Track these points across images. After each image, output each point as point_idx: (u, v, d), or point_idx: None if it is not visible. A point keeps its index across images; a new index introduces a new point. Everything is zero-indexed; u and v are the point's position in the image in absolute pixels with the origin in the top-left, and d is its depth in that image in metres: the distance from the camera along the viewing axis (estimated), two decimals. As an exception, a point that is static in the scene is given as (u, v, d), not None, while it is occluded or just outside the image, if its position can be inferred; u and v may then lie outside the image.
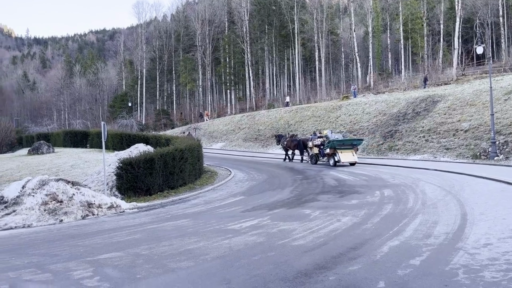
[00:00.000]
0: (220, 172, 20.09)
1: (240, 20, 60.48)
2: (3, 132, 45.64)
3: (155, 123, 64.68)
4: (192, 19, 67.27)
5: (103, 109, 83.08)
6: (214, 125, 48.36)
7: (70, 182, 11.97)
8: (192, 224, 8.85)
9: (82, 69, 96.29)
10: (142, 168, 13.59)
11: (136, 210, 11.65)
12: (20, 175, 18.59)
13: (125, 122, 52.38)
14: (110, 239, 7.71)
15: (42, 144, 30.05)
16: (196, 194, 14.11)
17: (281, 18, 58.85)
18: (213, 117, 56.90)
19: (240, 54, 61.82)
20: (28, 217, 10.24)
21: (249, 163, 25.24)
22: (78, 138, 36.30)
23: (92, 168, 18.99)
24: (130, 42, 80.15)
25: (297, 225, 8.00)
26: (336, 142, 20.93)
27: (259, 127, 39.05)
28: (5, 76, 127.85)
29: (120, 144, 26.58)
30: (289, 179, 16.20)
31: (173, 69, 71.94)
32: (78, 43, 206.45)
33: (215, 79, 70.12)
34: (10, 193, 11.39)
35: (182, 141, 18.36)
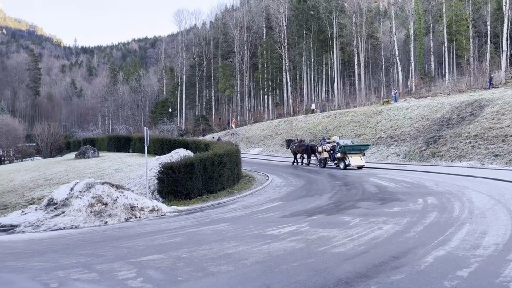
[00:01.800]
0: (257, 177, 20.15)
1: (278, 26, 60.68)
2: (53, 137, 48.15)
3: (194, 128, 65.95)
4: (230, 26, 68.23)
5: (145, 115, 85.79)
6: (251, 131, 48.63)
7: (114, 185, 12.42)
8: (231, 228, 8.92)
9: (125, 76, 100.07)
10: (182, 172, 13.89)
11: (176, 213, 11.90)
12: (68, 178, 19.50)
13: (165, 128, 53.79)
14: (152, 242, 7.91)
15: (88, 149, 31.36)
16: (234, 199, 14.22)
17: (319, 22, 58.48)
18: (251, 123, 57.25)
19: (278, 60, 61.95)
20: (76, 218, 10.71)
21: (287, 168, 25.15)
22: (121, 143, 37.65)
23: (135, 172, 19.59)
24: (170, 49, 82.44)
25: (337, 232, 7.88)
26: (347, 147, 22.75)
27: (297, 132, 38.86)
28: (54, 84, 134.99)
29: (161, 149, 27.29)
30: (328, 185, 16.00)
31: (212, 75, 73.17)
32: (121, 52, 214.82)
33: (253, 84, 70.65)
34: (60, 195, 11.97)
35: (220, 147, 18.60)
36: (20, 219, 11.47)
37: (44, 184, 20.17)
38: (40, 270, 6.07)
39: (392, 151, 26.86)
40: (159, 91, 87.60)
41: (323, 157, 24.86)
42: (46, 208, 11.72)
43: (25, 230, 10.44)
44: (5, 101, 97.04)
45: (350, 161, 22.27)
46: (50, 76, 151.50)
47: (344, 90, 55.02)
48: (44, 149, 47.92)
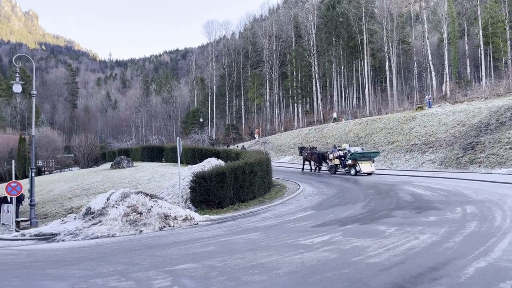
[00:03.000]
0: (288, 185, 20.06)
1: (307, 34, 60.65)
2: (89, 148, 49.82)
3: (224, 137, 66.57)
4: (259, 35, 68.77)
5: (177, 125, 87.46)
6: (281, 139, 48.57)
7: (148, 194, 12.69)
8: (264, 237, 8.91)
9: (158, 88, 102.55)
10: (214, 181, 14.04)
11: (209, 222, 12.01)
12: (104, 188, 20.09)
13: (197, 137, 54.54)
14: (186, 251, 8.02)
15: (122, 159, 32.21)
16: (265, 207, 14.20)
17: (348, 29, 57.99)
18: (280, 131, 57.20)
19: (307, 68, 61.80)
20: (112, 227, 11.01)
21: (318, 176, 24.91)
22: (154, 153, 38.49)
23: (168, 182, 19.95)
24: (201, 60, 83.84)
25: (371, 241, 7.71)
26: (358, 154, 23.83)
27: (327, 140, 38.49)
28: (90, 97, 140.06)
29: (193, 158, 27.71)
30: (361, 194, 15.71)
31: (241, 85, 73.82)
32: (153, 64, 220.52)
33: (282, 93, 70.72)
34: (97, 204, 12.35)
35: (251, 155, 18.67)
36: (60, 228, 11.90)
37: (82, 193, 20.86)
38: (79, 278, 6.27)
39: (427, 158, 26.11)
40: (190, 102, 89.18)
41: (334, 164, 26.07)
42: (84, 217, 12.12)
43: (64, 239, 10.83)
44: (45, 114, 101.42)
45: (361, 168, 23.28)
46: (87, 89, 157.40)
47: (375, 96, 54.11)
48: (81, 159, 49.64)
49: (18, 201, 16.85)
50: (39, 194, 21.54)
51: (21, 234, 12.56)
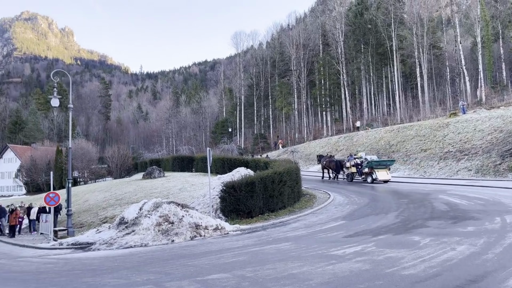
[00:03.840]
0: (318, 195, 19.86)
1: (334, 42, 60.32)
2: (122, 159, 51.02)
3: (253, 146, 66.78)
4: (286, 44, 68.95)
5: (206, 135, 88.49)
6: (310, 148, 48.23)
7: (179, 204, 12.88)
8: (294, 248, 8.85)
9: (187, 99, 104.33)
10: (243, 191, 14.09)
11: (239, 232, 12.04)
12: (137, 198, 20.52)
13: (226, 147, 54.95)
14: (217, 260, 8.07)
15: (154, 169, 32.79)
16: (295, 217, 14.11)
17: (377, 36, 57.27)
18: (309, 140, 56.85)
19: (336, 75, 61.34)
20: (145, 236, 11.23)
21: (348, 185, 24.55)
22: (184, 163, 39.04)
23: (198, 191, 20.18)
24: (229, 71, 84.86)
25: (406, 252, 7.51)
26: (374, 162, 24.46)
27: (358, 148, 37.90)
28: (123, 109, 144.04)
29: (222, 168, 27.92)
30: (393, 203, 15.36)
31: (269, 94, 74.07)
32: (183, 75, 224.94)
33: (310, 101, 70.42)
34: (130, 214, 12.64)
35: (280, 165, 18.64)
36: (96, 237, 12.25)
37: (115, 203, 21.40)
38: (114, 286, 6.43)
39: (462, 165, 25.25)
40: (219, 112, 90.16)
41: (351, 172, 26.74)
42: (118, 227, 12.42)
43: (100, 248, 11.13)
44: (80, 126, 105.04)
45: (377, 176, 23.88)
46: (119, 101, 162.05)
47: (406, 103, 53.00)
48: (114, 170, 50.89)
49: (56, 211, 17.47)
50: (75, 204, 22.23)
51: (59, 243, 13.00)
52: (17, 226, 19.88)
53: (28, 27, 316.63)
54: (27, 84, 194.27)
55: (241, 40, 78.55)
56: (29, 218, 20.69)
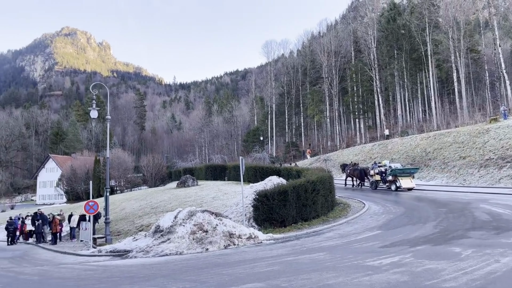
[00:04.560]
0: (353, 204, 19.52)
1: (367, 48, 59.55)
2: (156, 168, 52.16)
3: (284, 155, 66.60)
4: (318, 52, 68.73)
5: (238, 144, 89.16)
6: (343, 155, 47.56)
7: (213, 213, 13.01)
8: (329, 258, 8.72)
9: (219, 108, 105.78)
10: (276, 200, 14.06)
11: (272, 241, 12.00)
12: (171, 206, 20.90)
13: (258, 156, 55.09)
14: (251, 270, 8.07)
15: (188, 178, 33.31)
16: (329, 227, 13.92)
17: (411, 41, 56.07)
18: (342, 147, 56.09)
19: (368, 82, 60.45)
20: (180, 245, 11.40)
21: (383, 194, 23.98)
22: (217, 171, 39.43)
23: (231, 200, 20.30)
24: (260, 80, 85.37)
25: (446, 264, 7.24)
26: (398, 170, 24.76)
27: (393, 156, 37.05)
28: (157, 119, 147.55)
29: (254, 176, 28.00)
30: (431, 212, 14.87)
31: (300, 102, 73.88)
32: (215, 85, 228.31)
33: (342, 108, 69.66)
34: (165, 222, 12.88)
35: (313, 173, 18.48)
36: (132, 245, 12.55)
37: (151, 212, 21.86)
38: (151, 294, 6.55)
39: (505, 173, 24.13)
40: (250, 121, 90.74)
41: (375, 180, 27.19)
42: (154, 235, 12.68)
43: (136, 255, 11.38)
44: (117, 137, 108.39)
45: (401, 183, 24.10)
46: (153, 111, 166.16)
47: (443, 109, 51.38)
48: (149, 179, 52.07)
49: (95, 219, 18.04)
50: (112, 212, 22.87)
51: (98, 251, 13.41)
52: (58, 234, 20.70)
53: (68, 42, 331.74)
54: (67, 97, 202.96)
55: (272, 49, 79.27)
56: (70, 226, 21.49)
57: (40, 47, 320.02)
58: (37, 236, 22.25)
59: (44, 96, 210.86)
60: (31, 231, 24.32)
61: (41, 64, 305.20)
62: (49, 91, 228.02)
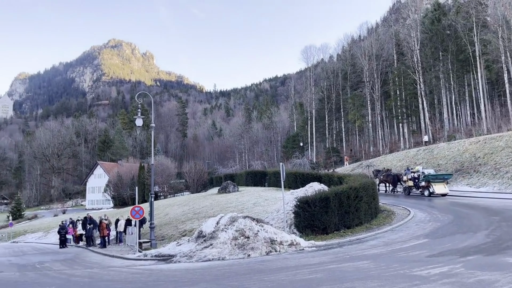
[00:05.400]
0: (397, 211, 18.93)
1: (410, 51, 57.83)
2: (198, 174, 53.21)
3: (325, 161, 65.77)
4: (358, 56, 67.59)
5: (277, 150, 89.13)
6: (386, 161, 46.28)
7: (254, 219, 13.07)
8: (373, 266, 8.52)
9: (259, 115, 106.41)
10: (318, 206, 13.92)
11: (314, 248, 11.88)
12: (213, 212, 21.19)
13: (298, 162, 54.78)
14: (294, 277, 8.02)
15: (229, 184, 33.66)
16: (373, 234, 13.59)
17: (457, 42, 53.87)
18: (385, 153, 54.65)
19: (412, 85, 58.60)
20: (222, 250, 11.53)
21: (429, 201, 23.11)
22: (257, 177, 39.58)
23: (271, 206, 20.29)
24: (299, 85, 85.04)
25: (499, 275, 6.86)
26: (431, 176, 24.92)
27: (439, 162, 35.64)
28: (198, 126, 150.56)
29: (294, 182, 27.85)
30: (482, 221, 14.15)
31: (341, 107, 72.83)
32: (254, 92, 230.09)
33: (385, 113, 67.93)
34: (207, 228, 13.09)
35: (355, 179, 18.14)
36: (176, 250, 12.84)
37: (193, 217, 22.28)
38: (196, 298, 6.67)
39: None
40: (290, 126, 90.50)
41: (408, 186, 27.50)
42: (197, 240, 12.91)
43: (180, 260, 11.64)
44: (160, 144, 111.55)
45: (434, 189, 24.28)
46: (195, 119, 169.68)
47: (493, 112, 48.88)
48: (191, 185, 53.17)
49: (141, 224, 18.63)
50: (156, 218, 23.52)
51: (143, 255, 13.83)
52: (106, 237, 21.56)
53: (114, 53, 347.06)
54: (114, 106, 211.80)
55: (311, 54, 78.56)
56: (117, 230, 22.31)
57: (89, 59, 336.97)
58: (87, 239, 23.27)
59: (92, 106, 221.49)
60: (81, 234, 25.49)
61: (90, 75, 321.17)
62: (97, 100, 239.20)
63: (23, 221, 60.15)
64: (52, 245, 27.85)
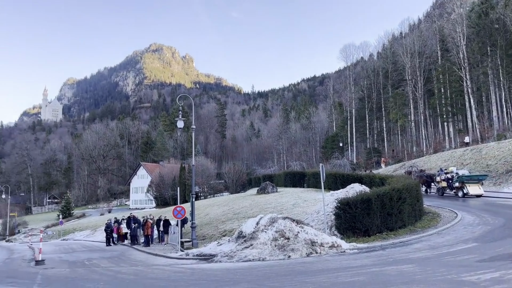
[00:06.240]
0: (443, 213, 18.22)
1: (455, 46, 55.50)
2: (237, 175, 53.73)
3: (366, 161, 64.38)
4: (400, 53, 65.68)
5: (316, 150, 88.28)
6: (431, 162, 44.65)
7: (294, 220, 13.01)
8: (419, 270, 8.23)
9: (297, 115, 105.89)
10: (359, 208, 13.66)
11: (356, 250, 11.67)
12: (253, 212, 21.31)
13: (338, 162, 53.98)
14: (335, 279, 7.91)
15: (267, 185, 33.73)
16: (418, 237, 13.16)
17: (507, 36, 51.11)
18: (429, 153, 52.74)
19: (458, 82, 56.21)
20: (262, 251, 11.57)
21: (478, 203, 22.06)
22: (296, 178, 39.38)
23: (311, 207, 20.12)
24: (338, 85, 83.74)
25: (559, 284, 6.44)
26: (465, 177, 24.74)
27: (488, 162, 33.94)
28: (237, 127, 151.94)
29: (334, 183, 27.48)
30: (537, 225, 13.35)
31: (382, 106, 71.05)
32: (292, 92, 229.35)
33: (429, 112, 65.58)
34: (247, 228, 13.17)
35: (397, 181, 17.64)
36: (217, 250, 13.02)
37: (233, 217, 22.50)
38: (238, 298, 6.72)
39: None
40: (328, 127, 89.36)
41: (441, 186, 27.29)
42: (237, 240, 13.03)
43: (221, 260, 11.79)
44: (200, 145, 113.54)
45: (468, 190, 24.14)
46: (233, 120, 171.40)
47: (548, 109, 45.94)
48: (230, 185, 53.80)
49: (182, 224, 19.05)
50: (197, 217, 23.95)
51: (185, 254, 14.13)
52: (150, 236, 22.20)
53: (155, 57, 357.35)
54: (155, 108, 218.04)
55: (351, 52, 77.20)
56: (159, 230, 22.93)
57: (132, 63, 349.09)
58: (132, 238, 24.08)
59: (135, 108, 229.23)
60: (126, 233, 26.41)
61: (132, 79, 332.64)
62: (139, 103, 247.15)
63: (72, 220, 63.20)
64: (99, 242, 29.05)
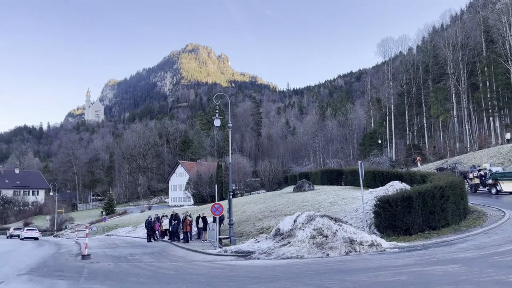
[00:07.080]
0: (489, 212, 17.43)
1: (501, 37, 52.83)
2: (273, 172, 53.73)
3: (406, 158, 62.56)
4: (441, 46, 63.26)
5: (353, 148, 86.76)
6: (475, 158, 42.76)
7: (332, 218, 12.88)
8: (464, 271, 7.94)
9: (333, 112, 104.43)
10: (400, 206, 13.32)
11: (397, 250, 11.41)
12: (289, 210, 21.27)
13: (377, 160, 52.81)
14: (376, 278, 7.77)
15: (304, 183, 33.53)
16: (463, 237, 12.67)
17: (558, 23, 48.15)
18: (473, 149, 50.51)
19: (504, 75, 53.45)
20: (300, 249, 11.54)
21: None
22: (333, 176, 38.87)
23: (349, 205, 19.82)
24: (376, 80, 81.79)
25: None
26: (498, 174, 24.84)
27: (538, 158, 32.12)
28: (272, 125, 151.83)
29: (373, 181, 26.91)
30: None
31: (422, 102, 68.76)
32: (328, 89, 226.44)
33: (472, 106, 62.82)
34: (285, 226, 13.17)
35: (440, 178, 17.03)
36: (255, 247, 13.11)
37: (270, 215, 22.56)
38: (277, 295, 6.75)
39: None
40: (366, 123, 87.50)
41: (474, 183, 27.16)
42: (274, 238, 13.06)
43: (259, 257, 11.86)
44: (236, 143, 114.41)
45: (502, 187, 24.05)
46: (268, 118, 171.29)
47: None
48: (266, 183, 53.88)
49: (220, 221, 19.30)
50: (234, 215, 24.16)
51: (224, 251, 14.32)
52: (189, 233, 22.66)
53: (191, 57, 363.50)
54: (192, 107, 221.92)
55: (389, 47, 75.14)
56: (198, 227, 23.35)
57: (169, 64, 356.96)
58: (172, 234, 24.67)
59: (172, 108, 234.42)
60: (166, 229, 27.08)
61: (170, 79, 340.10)
62: (177, 103, 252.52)
63: (114, 216, 65.57)
64: (140, 238, 29.97)
